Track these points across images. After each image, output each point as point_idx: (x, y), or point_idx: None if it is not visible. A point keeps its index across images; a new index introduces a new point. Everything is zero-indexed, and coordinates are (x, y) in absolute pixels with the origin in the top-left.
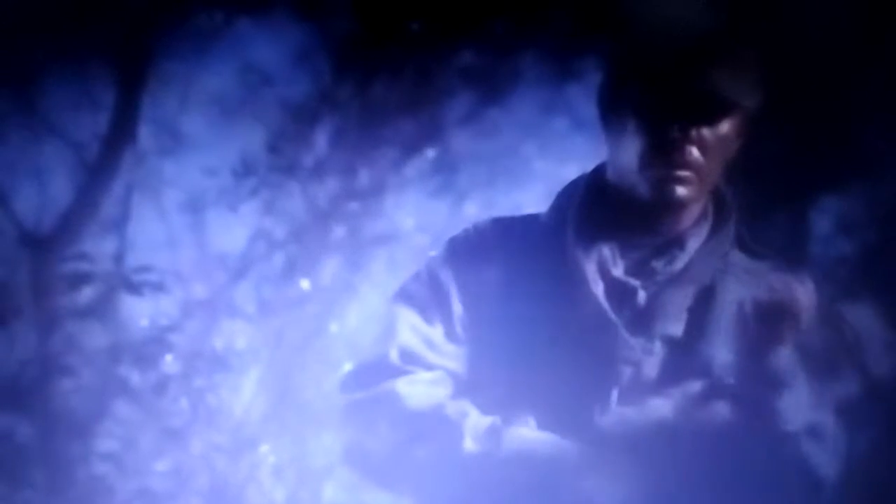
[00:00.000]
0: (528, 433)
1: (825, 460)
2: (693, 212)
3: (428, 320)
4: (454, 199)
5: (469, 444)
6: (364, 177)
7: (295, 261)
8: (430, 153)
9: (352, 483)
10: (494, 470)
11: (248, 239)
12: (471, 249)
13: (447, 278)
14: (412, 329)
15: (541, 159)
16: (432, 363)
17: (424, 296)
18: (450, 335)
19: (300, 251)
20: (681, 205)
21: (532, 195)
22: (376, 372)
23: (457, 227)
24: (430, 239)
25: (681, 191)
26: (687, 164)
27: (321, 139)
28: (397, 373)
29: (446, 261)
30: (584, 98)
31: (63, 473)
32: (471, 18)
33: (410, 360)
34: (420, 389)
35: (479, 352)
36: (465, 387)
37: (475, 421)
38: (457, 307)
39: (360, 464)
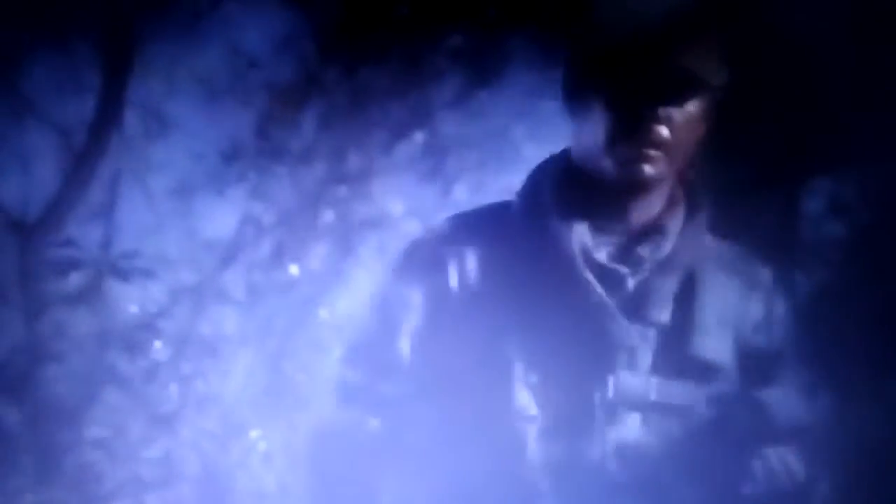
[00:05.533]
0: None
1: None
2: (662, 195)
3: (378, 346)
4: (443, 183)
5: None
6: (352, 161)
7: (284, 246)
8: (419, 137)
9: None
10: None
11: (236, 224)
12: (430, 255)
13: (398, 297)
14: (353, 362)
15: (530, 142)
16: (382, 394)
17: (377, 320)
18: (404, 357)
19: (289, 236)
20: (648, 184)
21: (522, 178)
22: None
23: (447, 211)
24: (419, 223)
25: (648, 169)
26: (654, 143)
27: (309, 123)
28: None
29: (400, 276)
30: None
31: (52, 461)
32: (459, 1)
33: (354, 398)
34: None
35: (445, 362)
36: (428, 397)
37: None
38: (413, 324)
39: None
